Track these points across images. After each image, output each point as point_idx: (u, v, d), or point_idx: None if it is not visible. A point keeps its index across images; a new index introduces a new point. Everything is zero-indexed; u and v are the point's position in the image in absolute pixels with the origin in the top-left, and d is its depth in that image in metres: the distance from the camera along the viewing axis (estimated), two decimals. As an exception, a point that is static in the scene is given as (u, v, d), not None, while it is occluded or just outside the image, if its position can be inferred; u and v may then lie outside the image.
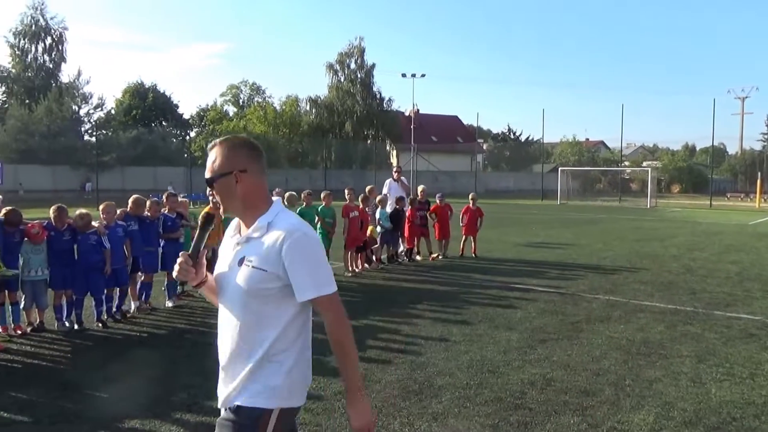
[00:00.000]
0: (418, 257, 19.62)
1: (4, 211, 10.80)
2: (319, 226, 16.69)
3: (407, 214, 19.14)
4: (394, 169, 21.62)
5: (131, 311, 12.14)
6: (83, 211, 11.59)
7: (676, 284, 15.61)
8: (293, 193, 16.22)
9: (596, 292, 14.45)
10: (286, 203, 13.25)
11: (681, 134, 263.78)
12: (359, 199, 17.80)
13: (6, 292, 10.74)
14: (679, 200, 71.54)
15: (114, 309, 11.86)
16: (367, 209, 17.80)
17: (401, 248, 19.40)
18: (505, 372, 8.75)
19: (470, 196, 21.67)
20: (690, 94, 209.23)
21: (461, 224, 20.77)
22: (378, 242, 18.35)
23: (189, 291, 13.92)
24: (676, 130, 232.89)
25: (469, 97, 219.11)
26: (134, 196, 12.96)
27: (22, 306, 10.77)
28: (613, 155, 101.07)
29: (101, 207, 11.84)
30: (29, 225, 10.79)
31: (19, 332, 10.76)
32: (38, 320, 10.95)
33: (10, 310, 10.85)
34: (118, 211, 12.29)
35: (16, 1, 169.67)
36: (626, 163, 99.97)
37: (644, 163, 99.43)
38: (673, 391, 8.05)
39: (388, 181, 20.54)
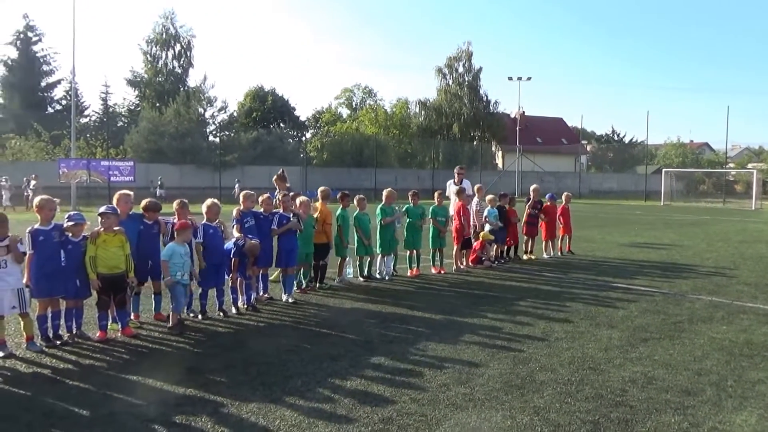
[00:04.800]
0: (526, 256, 19.53)
1: (144, 202, 11.22)
2: (431, 225, 16.77)
3: (506, 211, 18.91)
4: (456, 171, 19.34)
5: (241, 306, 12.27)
6: (215, 201, 11.97)
7: (782, 286, 15.09)
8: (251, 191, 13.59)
9: (699, 293, 14.07)
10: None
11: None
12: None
13: (150, 281, 11.19)
14: (786, 202, 69.28)
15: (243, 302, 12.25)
16: (469, 207, 17.67)
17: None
18: (606, 369, 8.62)
19: (564, 196, 21.47)
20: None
21: (560, 224, 20.70)
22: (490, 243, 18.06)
23: (311, 286, 14.17)
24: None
25: (574, 99, 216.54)
26: (244, 191, 13.12)
27: (172, 307, 10.74)
28: (717, 157, 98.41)
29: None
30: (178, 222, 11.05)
31: (161, 321, 11.12)
32: (173, 321, 10.87)
33: (152, 299, 11.31)
34: (234, 211, 12.54)
35: (150, 11, 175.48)
36: (731, 165, 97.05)
37: (749, 165, 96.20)
38: (777, 393, 7.79)
39: (449, 183, 19.22)
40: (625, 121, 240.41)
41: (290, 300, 12.92)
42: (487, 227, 17.91)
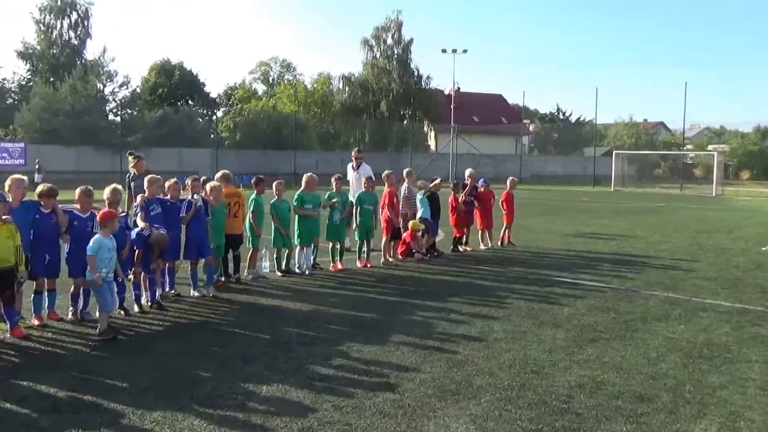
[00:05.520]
0: (463, 247, 19.55)
1: (39, 188, 10.96)
2: (358, 212, 16.64)
3: (450, 200, 18.97)
4: (353, 155, 19.75)
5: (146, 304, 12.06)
6: (118, 187, 11.78)
7: (745, 281, 15.38)
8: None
9: (653, 288, 14.30)
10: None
11: (752, 115, 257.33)
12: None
13: (45, 279, 10.89)
14: (749, 188, 70.53)
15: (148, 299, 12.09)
16: (398, 194, 17.66)
17: (440, 237, 19.17)
18: (551, 373, 8.70)
19: (508, 181, 21.64)
20: (762, 70, 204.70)
21: (503, 212, 20.82)
22: (420, 233, 17.95)
23: (222, 281, 14.06)
24: (746, 110, 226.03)
25: (515, 74, 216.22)
26: (149, 176, 12.89)
27: (99, 309, 10.43)
28: (674, 138, 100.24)
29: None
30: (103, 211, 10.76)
31: (55, 319, 10.95)
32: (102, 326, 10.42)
33: (45, 296, 11.00)
34: (138, 198, 12.34)
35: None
36: (689, 147, 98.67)
37: (709, 147, 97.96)
38: (740, 399, 7.92)
39: (349, 167, 19.56)
40: (572, 98, 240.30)
41: (212, 293, 12.92)
42: (419, 213, 17.90)
